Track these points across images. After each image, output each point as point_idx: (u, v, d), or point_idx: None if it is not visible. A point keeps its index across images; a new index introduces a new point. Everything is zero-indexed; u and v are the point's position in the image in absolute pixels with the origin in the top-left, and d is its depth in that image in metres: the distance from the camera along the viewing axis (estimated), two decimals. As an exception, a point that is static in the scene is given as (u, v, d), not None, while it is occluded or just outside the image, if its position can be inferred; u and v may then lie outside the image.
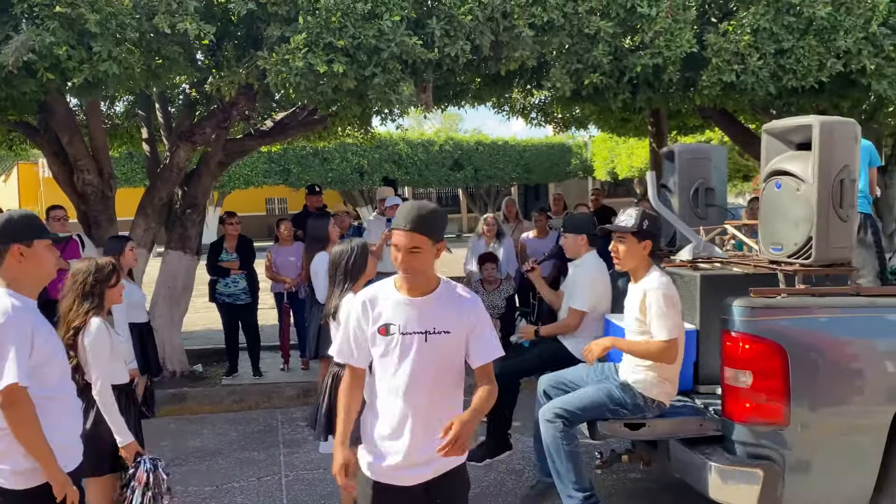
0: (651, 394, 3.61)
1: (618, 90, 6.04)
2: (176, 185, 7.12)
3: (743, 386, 3.23)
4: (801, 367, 3.17)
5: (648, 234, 3.60)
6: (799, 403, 3.17)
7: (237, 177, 24.23)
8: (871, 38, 5.68)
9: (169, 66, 5.31)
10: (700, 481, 3.36)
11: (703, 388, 3.98)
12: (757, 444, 3.24)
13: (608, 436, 3.75)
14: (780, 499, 3.24)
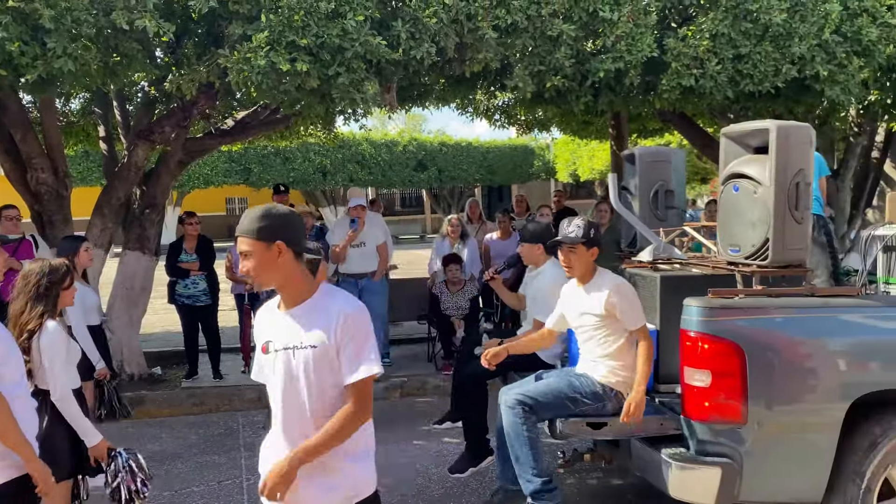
0: (610, 381, 3.70)
1: (580, 93, 6.10)
2: (134, 184, 6.99)
3: (702, 385, 3.28)
4: (758, 366, 3.23)
5: (596, 242, 3.79)
6: (756, 402, 3.23)
7: (197, 176, 23.88)
8: (824, 45, 5.83)
9: (127, 63, 5.21)
10: (660, 479, 3.41)
11: (663, 387, 4.02)
12: (715, 442, 3.29)
13: (570, 435, 3.79)
14: (737, 496, 3.30)
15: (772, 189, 3.45)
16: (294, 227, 2.23)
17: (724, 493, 3.26)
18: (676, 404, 3.65)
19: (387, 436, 5.70)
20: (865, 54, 5.95)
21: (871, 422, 3.34)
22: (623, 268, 4.50)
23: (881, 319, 3.45)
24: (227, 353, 7.75)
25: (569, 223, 3.84)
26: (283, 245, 2.17)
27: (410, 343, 8.54)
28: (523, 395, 3.70)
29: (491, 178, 29.58)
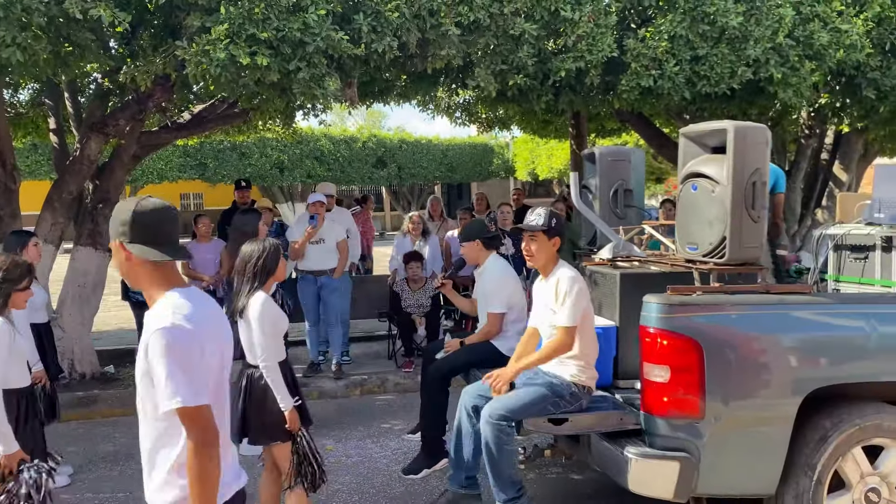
0: (580, 379, 3.75)
1: (541, 92, 6.15)
2: (86, 178, 6.80)
3: (661, 381, 3.33)
4: (715, 361, 3.29)
5: (557, 232, 3.82)
6: (713, 397, 3.29)
7: (151, 171, 23.37)
8: (778, 48, 5.98)
9: (80, 53, 5.07)
10: (620, 474, 3.45)
11: (622, 382, 4.10)
12: (673, 437, 3.35)
13: (532, 431, 3.83)
14: (695, 489, 3.36)
15: (729, 188, 3.52)
16: (136, 223, 1.99)
17: (682, 486, 3.32)
18: (635, 400, 3.70)
19: (347, 434, 5.68)
20: (817, 58, 6.12)
21: (822, 416, 3.43)
22: (583, 265, 4.55)
23: (832, 316, 3.54)
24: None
25: (532, 212, 3.88)
26: (119, 244, 2.01)
27: (370, 340, 8.51)
28: (508, 411, 3.67)
29: (451, 176, 29.59)
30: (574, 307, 3.65)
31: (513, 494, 3.73)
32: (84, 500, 4.54)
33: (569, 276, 3.72)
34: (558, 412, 3.71)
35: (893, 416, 3.45)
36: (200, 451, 1.95)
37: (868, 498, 3.43)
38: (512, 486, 3.73)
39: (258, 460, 3.97)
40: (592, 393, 3.80)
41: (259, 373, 3.43)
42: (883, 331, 3.47)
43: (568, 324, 3.66)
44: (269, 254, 3.54)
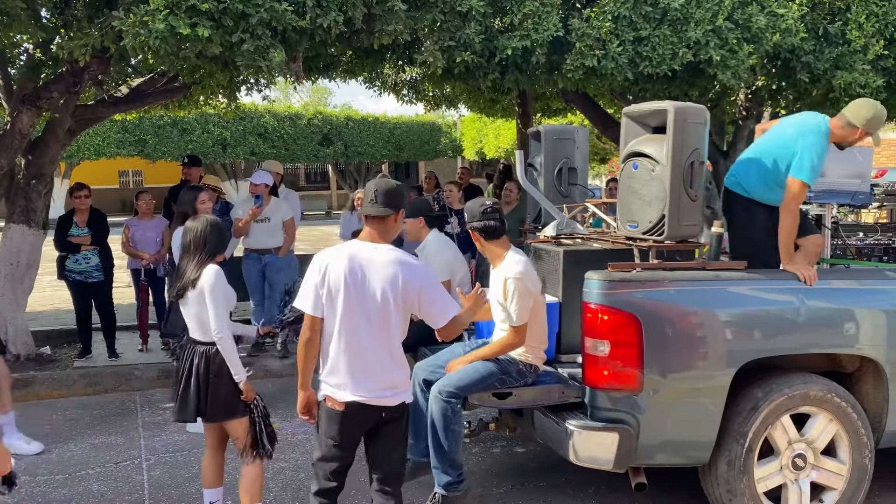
0: (527, 359, 3.81)
1: (488, 70, 6.15)
2: (18, 153, 6.54)
3: (601, 355, 3.42)
4: (653, 336, 3.40)
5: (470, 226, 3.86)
6: (651, 370, 3.40)
7: (87, 147, 22.64)
8: (718, 30, 6.10)
9: (9, 22, 4.85)
10: (562, 446, 3.55)
11: (564, 357, 4.19)
12: (613, 409, 3.45)
13: (477, 405, 3.90)
14: (633, 459, 3.48)
15: (668, 168, 3.61)
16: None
17: (622, 456, 3.43)
18: (578, 374, 3.80)
19: (293, 412, 5.64)
20: (754, 41, 6.27)
21: (754, 386, 3.59)
22: (528, 243, 4.62)
23: (765, 291, 3.69)
24: (124, 332, 7.45)
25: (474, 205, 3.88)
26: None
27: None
28: (456, 387, 3.70)
29: (398, 155, 29.47)
30: (522, 307, 3.68)
31: (455, 477, 3.73)
32: (19, 484, 4.42)
33: (517, 276, 3.66)
34: (503, 388, 3.77)
35: (819, 385, 3.62)
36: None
37: (795, 463, 3.61)
38: (454, 468, 3.74)
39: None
40: (539, 372, 3.88)
41: (215, 348, 3.40)
42: (811, 304, 3.63)
43: (516, 323, 3.70)
44: (213, 226, 3.51)
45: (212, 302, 3.40)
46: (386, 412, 2.97)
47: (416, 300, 2.94)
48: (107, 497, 4.24)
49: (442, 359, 4.09)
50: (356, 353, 2.92)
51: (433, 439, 3.73)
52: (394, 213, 2.98)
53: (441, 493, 3.73)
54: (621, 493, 4.15)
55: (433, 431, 3.72)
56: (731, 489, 3.53)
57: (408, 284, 2.90)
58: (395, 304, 2.90)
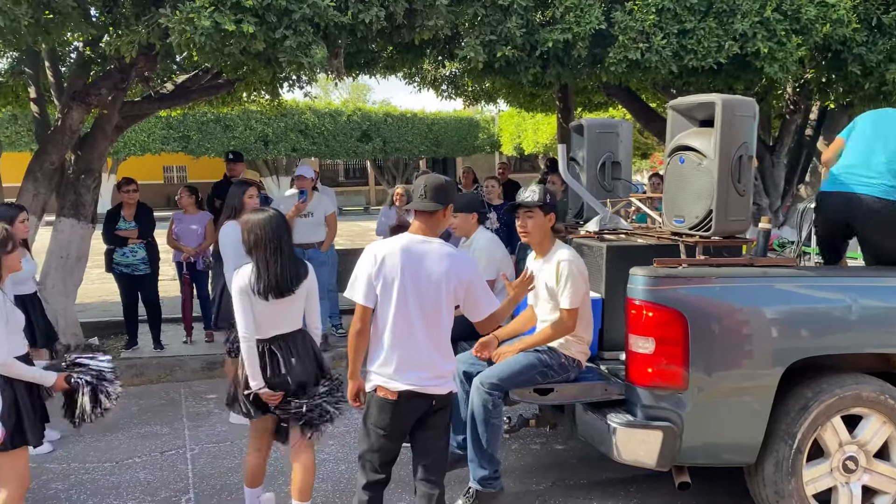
0: (571, 352, 3.77)
1: (529, 64, 6.11)
2: (68, 148, 6.71)
3: (645, 352, 3.37)
4: (699, 333, 3.33)
5: (552, 208, 3.80)
6: (696, 368, 3.34)
7: (133, 143, 23.13)
8: (765, 22, 5.97)
9: (60, 20, 4.96)
10: (604, 443, 3.51)
11: (607, 354, 4.14)
12: (657, 407, 3.40)
13: (518, 401, 3.85)
14: (677, 458, 3.42)
15: (716, 161, 3.53)
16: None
17: (665, 455, 3.38)
18: (620, 370, 3.76)
19: (333, 405, 5.70)
20: (803, 32, 6.12)
21: (804, 386, 3.50)
22: (570, 238, 4.57)
23: (814, 289, 3.59)
24: (169, 324, 7.59)
25: (525, 188, 3.87)
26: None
27: (356, 313, 8.51)
28: (499, 379, 3.68)
29: (436, 151, 29.49)
30: (576, 290, 3.66)
31: (491, 473, 3.70)
32: (70, 470, 4.55)
33: (569, 258, 3.71)
34: (546, 382, 3.73)
35: (873, 386, 3.51)
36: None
37: (846, 466, 3.51)
38: (491, 463, 3.71)
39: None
40: (582, 368, 3.83)
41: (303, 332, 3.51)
42: (864, 303, 3.52)
43: (570, 306, 3.68)
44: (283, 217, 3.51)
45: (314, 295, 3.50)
46: (436, 400, 3.01)
47: (463, 294, 3.00)
48: (153, 485, 4.33)
49: (502, 366, 3.97)
50: (410, 343, 2.96)
51: (472, 432, 3.71)
52: (443, 209, 3.02)
53: (476, 487, 3.71)
54: (664, 492, 4.09)
55: (472, 424, 3.70)
56: (778, 490, 3.45)
57: (460, 278, 2.97)
58: (447, 296, 2.97)
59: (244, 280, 3.34)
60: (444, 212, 3.03)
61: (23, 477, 3.22)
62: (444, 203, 3.01)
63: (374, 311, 3.00)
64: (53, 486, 4.32)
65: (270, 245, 3.34)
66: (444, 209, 3.02)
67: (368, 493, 3.07)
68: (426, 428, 3.05)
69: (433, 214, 3.01)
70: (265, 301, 3.33)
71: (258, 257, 3.35)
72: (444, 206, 3.01)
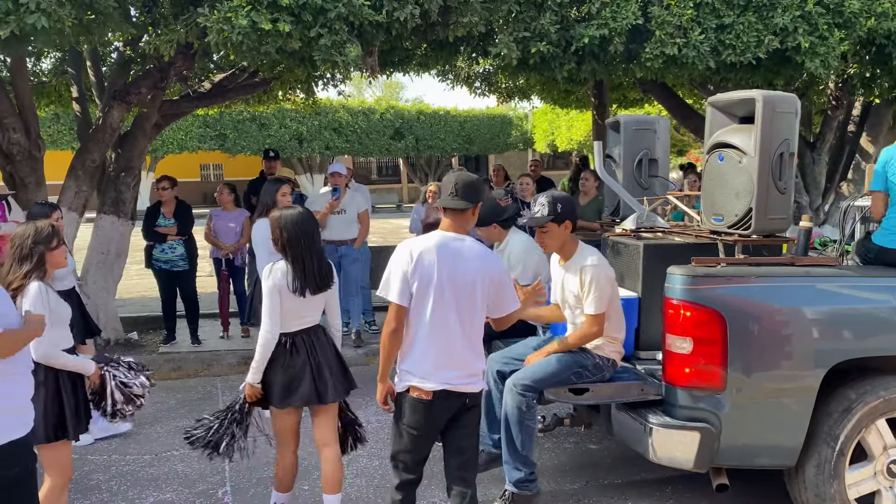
0: (604, 352, 3.74)
1: (564, 60, 6.07)
2: (109, 146, 6.85)
3: (683, 352, 3.32)
4: (738, 333, 3.28)
5: (566, 215, 3.70)
6: (735, 368, 3.28)
7: (171, 141, 23.50)
8: (807, 16, 5.85)
9: (102, 21, 5.06)
10: (640, 443, 3.47)
11: (643, 353, 4.09)
12: (695, 408, 3.35)
13: (553, 400, 3.83)
14: (714, 459, 3.37)
15: (756, 159, 3.48)
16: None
17: (703, 456, 3.33)
18: (656, 370, 3.71)
19: (368, 400, 5.72)
20: (846, 26, 5.98)
21: (847, 388, 3.42)
22: (606, 236, 4.53)
23: (857, 289, 3.51)
24: (206, 319, 7.70)
25: (534, 203, 3.78)
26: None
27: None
28: (532, 380, 3.66)
29: (468, 148, 29.45)
30: (600, 296, 3.62)
31: (526, 475, 3.69)
32: (111, 462, 4.65)
33: (593, 263, 3.64)
34: (580, 382, 3.70)
35: (918, 388, 3.42)
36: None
37: (890, 469, 3.43)
38: (526, 465, 3.69)
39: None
40: (617, 367, 3.79)
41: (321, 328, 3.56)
42: (909, 303, 3.43)
43: (594, 312, 3.64)
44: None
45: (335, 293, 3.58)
46: (469, 398, 3.00)
47: (493, 292, 3.01)
48: (190, 478, 4.40)
49: (516, 351, 4.06)
50: (445, 342, 2.94)
51: (506, 434, 3.68)
52: (473, 206, 3.00)
53: (512, 490, 3.69)
54: (700, 493, 4.04)
55: (506, 425, 3.68)
56: (819, 493, 3.38)
57: (492, 277, 2.98)
58: (482, 295, 2.96)
59: (278, 277, 3.36)
60: (474, 210, 3.03)
61: (65, 468, 3.29)
62: (474, 201, 3.00)
63: (408, 310, 2.98)
64: (95, 477, 4.42)
65: (305, 241, 3.36)
66: (474, 207, 3.02)
67: (402, 493, 3.07)
68: (459, 426, 3.04)
69: (463, 212, 3.00)
70: (300, 297, 3.35)
71: (293, 254, 3.36)
72: (474, 204, 3.01)
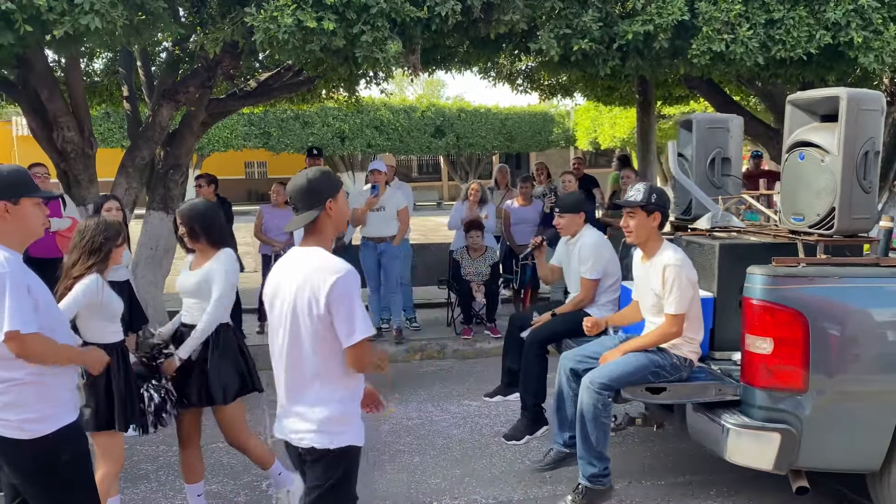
0: (682, 352, 3.72)
1: (607, 56, 6.00)
2: (158, 144, 7.01)
3: (763, 352, 3.29)
4: (820, 334, 3.23)
5: (657, 208, 3.70)
6: (817, 370, 3.24)
7: (216, 139, 23.91)
8: (860, 10, 5.68)
9: (152, 21, 5.18)
10: (717, 444, 3.43)
11: (718, 354, 4.06)
12: (775, 409, 3.30)
13: (630, 399, 3.81)
14: (795, 461, 3.32)
15: (840, 158, 3.43)
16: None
17: (783, 458, 3.29)
18: (732, 371, 3.70)
19: (408, 397, 5.78)
20: (902, 20, 5.80)
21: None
22: (679, 236, 4.49)
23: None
24: (248, 314, 7.82)
25: (632, 186, 3.83)
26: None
27: (430, 307, 8.58)
28: (609, 379, 3.66)
29: (509, 146, 29.36)
30: (682, 296, 3.59)
31: (600, 470, 3.71)
32: (159, 452, 4.76)
33: (677, 262, 3.61)
34: (658, 381, 3.69)
35: None
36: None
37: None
38: (600, 460, 3.71)
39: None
40: (694, 367, 3.78)
41: None
42: None
43: (675, 312, 3.60)
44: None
45: None
46: (310, 454, 2.48)
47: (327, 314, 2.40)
48: (235, 469, 4.49)
49: (590, 349, 4.08)
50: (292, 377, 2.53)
51: (581, 430, 3.71)
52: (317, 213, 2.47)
53: (585, 484, 3.72)
54: (776, 495, 3.95)
55: (581, 422, 3.70)
56: (906, 498, 3.29)
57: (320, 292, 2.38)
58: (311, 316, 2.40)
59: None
60: (329, 206, 2.47)
61: (118, 456, 3.39)
62: (314, 205, 2.46)
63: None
64: (143, 467, 4.54)
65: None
66: (325, 203, 2.46)
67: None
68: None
69: (315, 222, 2.49)
70: None
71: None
72: (316, 207, 2.45)
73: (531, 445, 4.72)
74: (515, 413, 5.05)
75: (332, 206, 2.49)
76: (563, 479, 4.18)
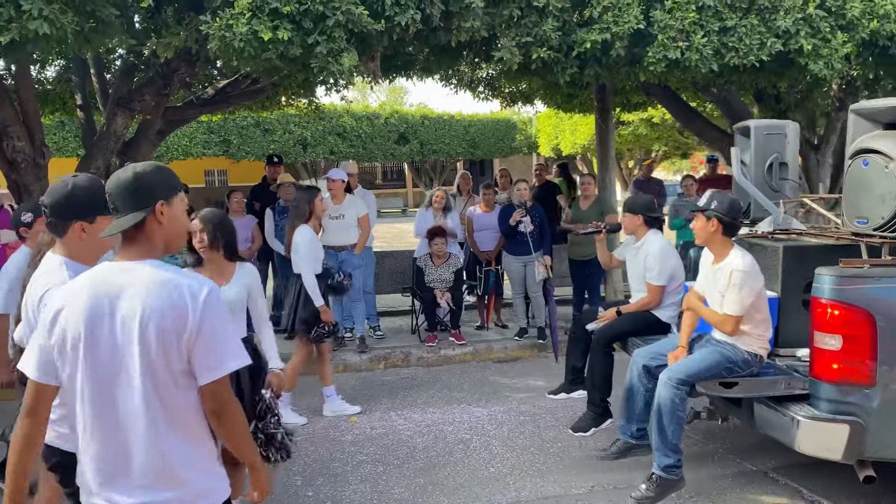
0: (752, 348, 3.91)
1: (566, 64, 6.06)
2: (114, 153, 6.86)
3: (832, 349, 3.46)
4: (888, 331, 3.39)
5: (714, 213, 3.94)
6: (884, 364, 3.39)
7: (175, 147, 23.53)
8: (809, 19, 5.84)
9: (103, 29, 5.08)
10: (787, 436, 3.60)
11: (782, 351, 4.25)
12: (843, 402, 3.47)
13: (703, 393, 4.02)
14: (862, 452, 3.47)
15: (905, 164, 3.59)
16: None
17: (851, 449, 3.45)
18: (797, 366, 3.92)
19: (372, 406, 5.74)
20: (849, 29, 5.97)
21: None
22: (741, 238, 4.63)
23: None
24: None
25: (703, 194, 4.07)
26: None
27: (394, 315, 8.55)
28: (686, 374, 3.88)
29: (473, 152, 29.42)
30: (742, 300, 3.79)
31: (674, 461, 3.89)
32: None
33: (743, 269, 3.80)
34: (731, 377, 3.87)
35: None
36: None
37: None
38: (674, 452, 3.90)
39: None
40: (764, 362, 3.96)
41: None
42: None
43: (733, 313, 3.82)
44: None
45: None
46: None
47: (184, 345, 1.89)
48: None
49: (663, 347, 4.37)
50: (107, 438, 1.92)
51: (657, 423, 3.90)
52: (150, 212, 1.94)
53: (659, 474, 3.90)
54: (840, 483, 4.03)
55: (658, 416, 3.90)
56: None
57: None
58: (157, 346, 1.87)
59: None
60: (160, 210, 1.94)
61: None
62: (149, 203, 1.93)
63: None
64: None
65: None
66: (155, 206, 1.93)
67: None
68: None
69: (141, 227, 1.94)
70: None
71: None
72: (152, 206, 1.93)
73: (493, 451, 4.73)
74: (476, 418, 5.02)
75: (165, 210, 1.94)
76: (525, 487, 4.19)
